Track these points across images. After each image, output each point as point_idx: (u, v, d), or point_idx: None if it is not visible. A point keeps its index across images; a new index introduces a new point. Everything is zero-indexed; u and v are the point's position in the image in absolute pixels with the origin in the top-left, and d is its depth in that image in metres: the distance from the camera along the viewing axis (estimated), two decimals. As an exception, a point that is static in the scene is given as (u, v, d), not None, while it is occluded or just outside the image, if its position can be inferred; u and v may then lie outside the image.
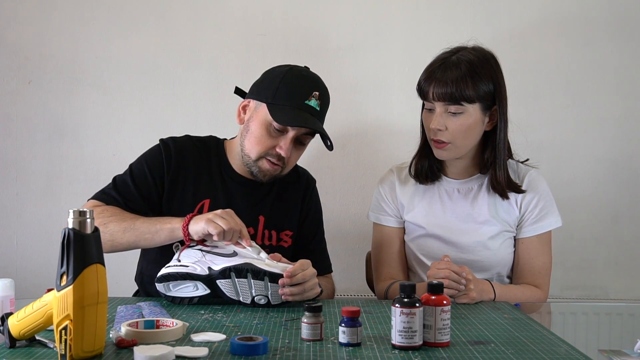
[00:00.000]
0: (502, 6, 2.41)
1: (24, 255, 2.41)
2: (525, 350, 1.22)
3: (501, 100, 1.78)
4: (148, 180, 1.75)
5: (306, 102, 1.70)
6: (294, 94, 1.70)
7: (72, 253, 1.10)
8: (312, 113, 1.71)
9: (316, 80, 1.76)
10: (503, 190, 1.81)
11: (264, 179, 1.76)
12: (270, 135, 1.71)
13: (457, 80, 1.71)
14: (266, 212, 1.80)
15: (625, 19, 2.41)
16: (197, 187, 1.77)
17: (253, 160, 1.74)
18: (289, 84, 1.72)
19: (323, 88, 1.76)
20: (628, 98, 2.42)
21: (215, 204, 1.74)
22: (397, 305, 1.21)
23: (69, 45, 2.40)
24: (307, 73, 1.78)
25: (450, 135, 1.75)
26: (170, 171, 1.76)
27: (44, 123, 2.40)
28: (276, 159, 1.72)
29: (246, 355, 1.16)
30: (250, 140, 1.73)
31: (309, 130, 1.72)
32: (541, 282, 1.83)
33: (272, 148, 1.72)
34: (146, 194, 1.74)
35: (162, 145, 1.79)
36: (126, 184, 1.74)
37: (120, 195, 1.73)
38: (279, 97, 1.70)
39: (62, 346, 1.10)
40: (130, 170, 1.77)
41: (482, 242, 1.82)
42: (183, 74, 2.41)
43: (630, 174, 2.43)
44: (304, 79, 1.74)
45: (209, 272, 1.52)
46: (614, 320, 1.90)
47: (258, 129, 1.72)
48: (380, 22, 2.41)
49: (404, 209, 1.90)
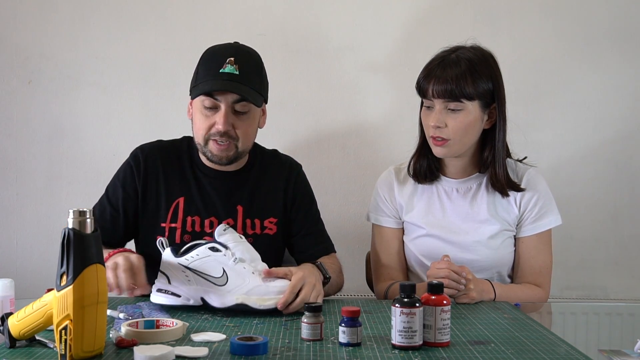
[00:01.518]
0: (502, 6, 2.41)
1: (24, 255, 2.41)
2: (525, 350, 1.22)
3: (500, 98, 1.78)
4: (120, 194, 1.80)
5: (221, 70, 1.70)
6: (208, 69, 1.72)
7: (72, 253, 1.10)
8: (231, 78, 1.70)
9: (231, 48, 1.76)
10: (503, 188, 1.81)
11: (221, 162, 1.76)
12: (206, 116, 1.73)
13: (457, 78, 1.72)
14: (244, 201, 1.81)
15: (625, 19, 2.41)
16: (169, 187, 1.80)
17: (202, 145, 1.76)
18: (204, 62, 1.75)
19: (240, 53, 1.75)
20: (628, 98, 2.42)
21: (189, 201, 1.78)
22: (397, 305, 1.21)
23: (69, 45, 2.40)
24: (222, 46, 1.77)
25: (449, 132, 1.75)
26: (140, 178, 1.80)
27: (43, 123, 2.40)
28: (219, 135, 1.72)
29: (246, 355, 1.16)
30: (194, 127, 1.77)
31: (237, 97, 1.71)
32: (542, 281, 1.83)
33: (211, 127, 1.73)
34: (122, 208, 1.80)
35: (131, 157, 1.84)
36: (103, 208, 1.81)
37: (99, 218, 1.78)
38: (199, 79, 1.74)
39: (62, 346, 1.10)
40: (105, 194, 1.84)
41: (481, 242, 1.82)
42: (183, 74, 2.40)
43: (630, 174, 2.43)
44: (216, 52, 1.75)
45: (203, 302, 1.49)
46: (614, 320, 1.90)
47: (196, 114, 1.76)
48: (380, 22, 2.41)
49: (403, 210, 1.90)
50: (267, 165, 1.87)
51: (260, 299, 1.45)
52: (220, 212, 1.75)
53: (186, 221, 1.77)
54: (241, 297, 1.46)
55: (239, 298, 1.46)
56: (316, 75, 2.42)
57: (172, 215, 1.77)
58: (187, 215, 1.77)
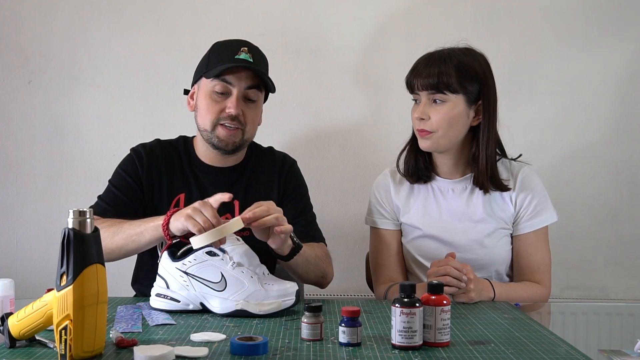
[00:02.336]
0: (502, 6, 2.41)
1: (24, 255, 2.41)
2: (525, 350, 1.22)
3: (488, 96, 1.79)
4: (129, 182, 1.80)
5: (236, 56, 1.74)
6: (222, 55, 1.76)
7: (72, 253, 1.10)
8: (246, 65, 1.74)
9: (242, 40, 1.80)
10: (484, 185, 1.82)
11: (227, 148, 1.77)
12: (216, 101, 1.75)
13: (440, 71, 1.75)
14: (240, 196, 1.81)
15: (625, 19, 2.41)
16: (171, 184, 1.81)
17: (209, 131, 1.76)
18: (216, 50, 1.79)
19: (252, 45, 1.79)
20: (628, 98, 2.42)
21: (189, 197, 1.79)
22: (397, 305, 1.21)
23: (69, 45, 2.40)
24: (232, 39, 1.82)
25: (433, 124, 1.77)
26: (144, 173, 1.80)
27: (43, 123, 2.40)
28: (229, 120, 1.74)
29: (246, 355, 1.16)
30: (201, 114, 1.78)
31: (252, 83, 1.75)
32: (542, 278, 1.83)
33: (222, 111, 1.74)
34: (132, 195, 1.79)
35: (133, 152, 1.85)
36: (111, 193, 1.80)
37: (109, 205, 1.76)
38: (212, 64, 1.76)
39: (62, 346, 1.10)
40: (110, 182, 1.83)
41: (478, 241, 1.82)
42: (183, 74, 2.40)
43: (630, 174, 2.43)
44: (230, 42, 1.80)
45: (202, 307, 1.49)
46: (614, 320, 1.90)
47: (204, 100, 1.77)
48: (380, 22, 2.41)
49: (400, 211, 1.90)
50: (262, 161, 1.89)
51: (260, 304, 1.45)
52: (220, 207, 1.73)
53: None
54: (240, 302, 1.45)
55: (239, 304, 1.45)
56: (316, 75, 2.42)
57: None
58: None
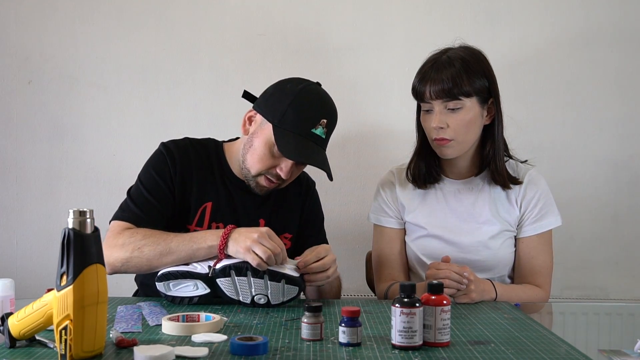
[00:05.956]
0: (502, 6, 2.41)
1: (24, 255, 2.41)
2: (525, 350, 1.22)
3: (496, 91, 1.80)
4: (161, 187, 1.73)
5: (313, 130, 1.68)
6: (302, 121, 1.67)
7: (72, 253, 1.10)
8: (317, 142, 1.69)
9: (325, 104, 1.73)
10: (505, 181, 1.82)
11: (260, 194, 1.77)
12: (272, 156, 1.70)
13: (452, 77, 1.73)
14: (266, 215, 1.80)
15: (626, 18, 2.41)
16: (200, 190, 1.76)
17: (252, 175, 1.73)
18: (297, 109, 1.68)
19: (331, 113, 1.73)
20: (628, 98, 2.42)
21: (217, 207, 1.76)
22: (397, 305, 1.21)
23: (69, 45, 2.40)
24: (318, 97, 1.73)
25: (452, 132, 1.76)
26: (176, 174, 1.75)
27: (44, 123, 2.40)
28: (275, 178, 1.72)
29: (246, 355, 1.16)
30: (253, 156, 1.72)
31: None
32: (542, 281, 1.83)
33: (272, 167, 1.71)
34: (165, 202, 1.73)
35: (164, 149, 1.78)
36: (142, 196, 1.72)
37: (140, 210, 1.70)
38: (286, 122, 1.67)
39: (62, 346, 1.10)
40: (140, 182, 1.76)
41: (483, 242, 1.82)
42: (183, 74, 2.42)
43: (630, 174, 2.43)
44: (314, 105, 1.71)
45: (209, 270, 1.52)
46: (614, 320, 1.90)
47: (261, 146, 1.70)
48: (380, 22, 2.41)
49: (405, 210, 1.90)
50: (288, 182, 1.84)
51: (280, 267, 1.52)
52: (244, 223, 1.68)
53: (211, 227, 1.74)
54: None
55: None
56: (316, 75, 2.41)
57: (199, 218, 1.74)
58: (213, 221, 1.75)
